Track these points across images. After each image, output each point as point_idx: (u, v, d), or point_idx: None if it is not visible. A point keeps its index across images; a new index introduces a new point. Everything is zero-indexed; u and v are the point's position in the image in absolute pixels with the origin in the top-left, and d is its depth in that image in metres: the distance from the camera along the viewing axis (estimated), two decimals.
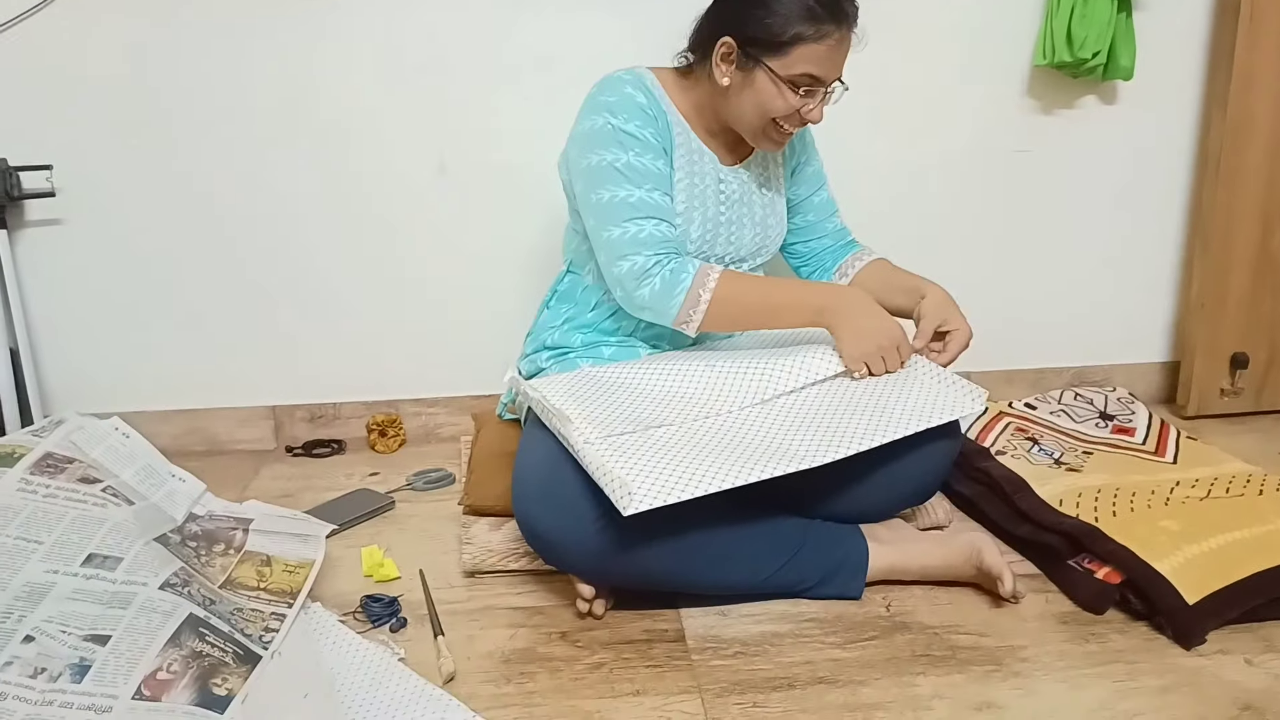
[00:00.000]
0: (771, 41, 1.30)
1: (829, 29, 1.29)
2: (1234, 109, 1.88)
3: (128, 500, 1.24)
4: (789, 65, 1.31)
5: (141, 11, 1.73)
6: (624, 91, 1.38)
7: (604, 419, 1.26)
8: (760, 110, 1.36)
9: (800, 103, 1.34)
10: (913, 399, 1.31)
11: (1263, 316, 2.00)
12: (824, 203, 1.61)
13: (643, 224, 1.34)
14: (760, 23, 1.30)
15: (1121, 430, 1.77)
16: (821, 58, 1.31)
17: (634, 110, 1.36)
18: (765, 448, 1.21)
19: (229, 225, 1.85)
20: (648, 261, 1.32)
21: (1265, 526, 1.38)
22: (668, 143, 1.40)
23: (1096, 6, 1.78)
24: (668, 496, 1.11)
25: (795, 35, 1.29)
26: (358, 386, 1.96)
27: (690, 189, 1.42)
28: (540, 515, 1.26)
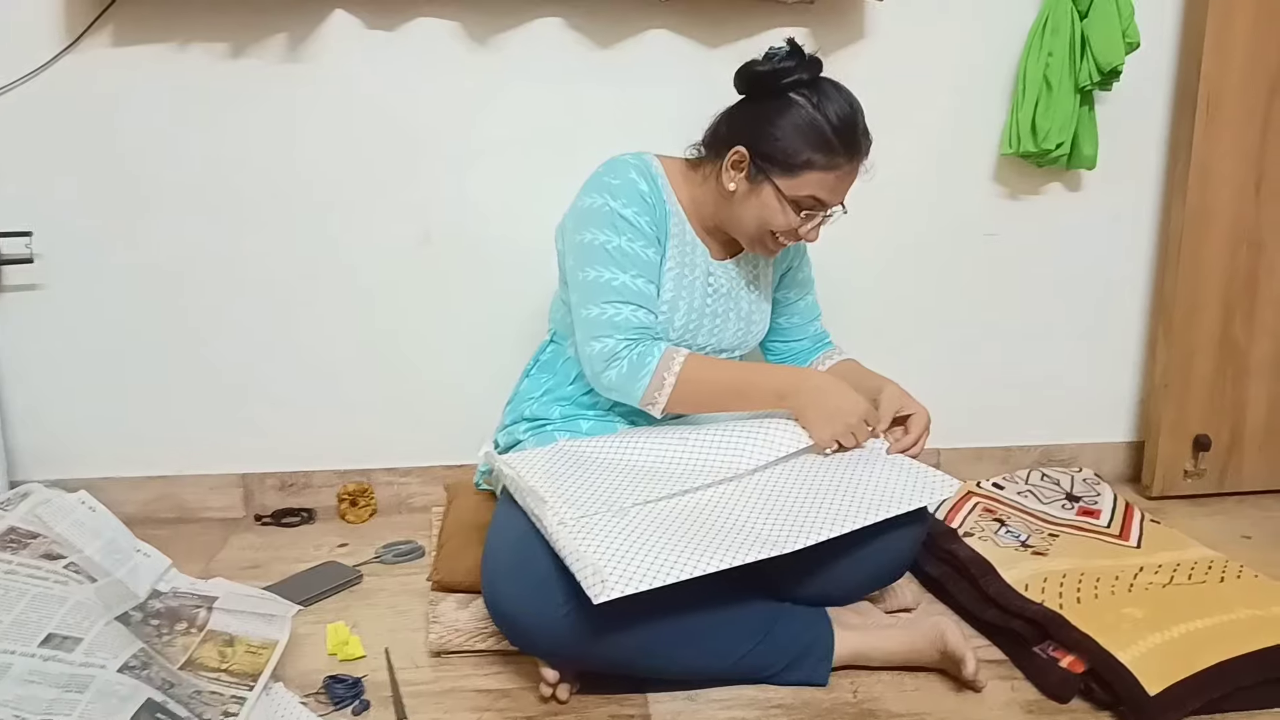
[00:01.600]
0: (784, 162, 1.36)
1: (840, 160, 1.36)
2: (1193, 198, 1.94)
3: (90, 577, 1.23)
4: (797, 187, 1.37)
5: (122, 82, 1.76)
6: (628, 176, 1.41)
7: (578, 498, 1.27)
8: (761, 222, 1.41)
9: (800, 222, 1.40)
10: (884, 485, 1.33)
11: (1224, 399, 2.04)
12: (808, 307, 1.66)
13: (620, 308, 1.37)
14: (776, 142, 1.36)
15: (1087, 512, 1.79)
16: (829, 185, 1.37)
17: (634, 196, 1.40)
18: (737, 533, 1.22)
19: (205, 292, 1.86)
20: (618, 345, 1.36)
21: (1227, 615, 1.39)
22: (663, 232, 1.44)
23: (1060, 99, 1.85)
24: (639, 584, 1.11)
25: (808, 161, 1.35)
26: (329, 454, 1.96)
27: (679, 278, 1.46)
28: (508, 596, 1.26)
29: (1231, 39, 1.88)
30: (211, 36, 1.76)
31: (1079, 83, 1.85)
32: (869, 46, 1.89)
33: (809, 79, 1.37)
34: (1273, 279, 2.00)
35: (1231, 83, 1.90)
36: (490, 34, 1.81)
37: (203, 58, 1.76)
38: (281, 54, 1.78)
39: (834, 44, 1.88)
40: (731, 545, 1.18)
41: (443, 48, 1.80)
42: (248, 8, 1.74)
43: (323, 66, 1.79)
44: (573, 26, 1.82)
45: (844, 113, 1.36)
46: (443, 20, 1.79)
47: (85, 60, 1.74)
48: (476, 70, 1.82)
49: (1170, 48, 1.96)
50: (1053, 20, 1.84)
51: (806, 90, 1.37)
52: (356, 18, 1.78)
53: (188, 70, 1.76)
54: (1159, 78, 1.97)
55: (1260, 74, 1.91)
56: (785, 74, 1.37)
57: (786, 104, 1.36)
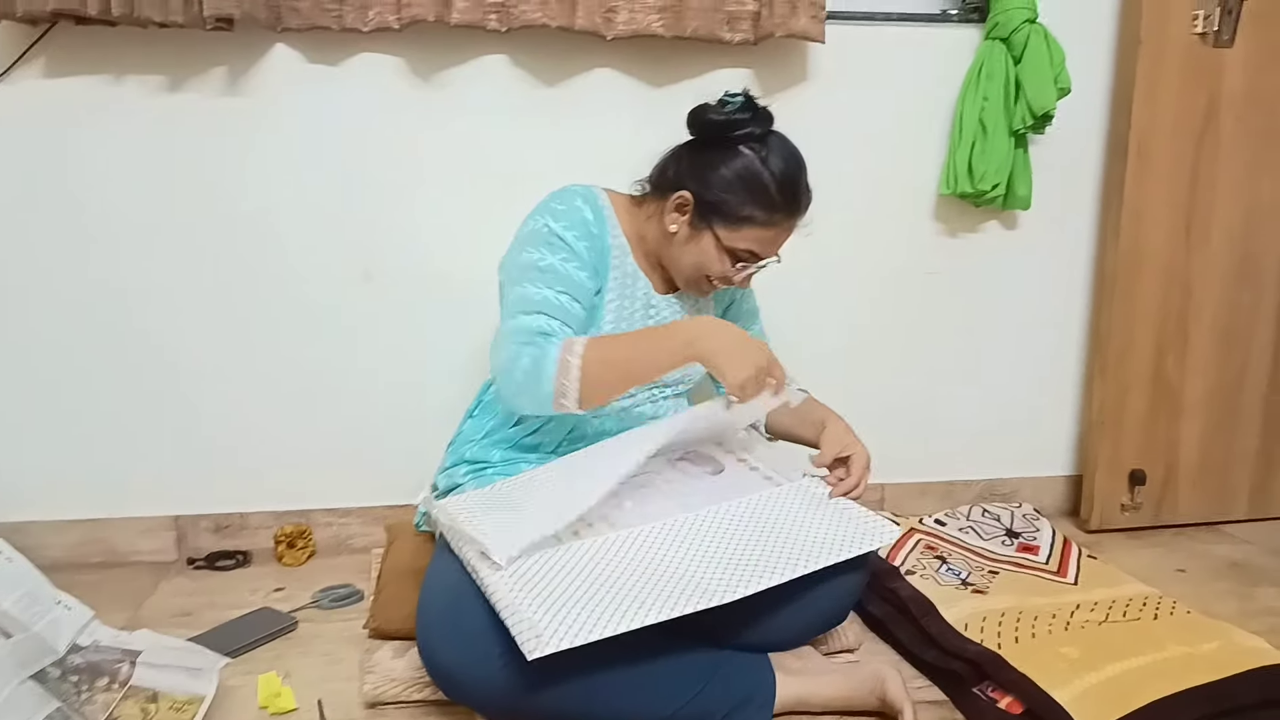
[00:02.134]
0: (726, 213, 1.38)
1: (780, 217, 1.39)
2: (1125, 239, 1.99)
3: (6, 632, 1.18)
4: (735, 239, 1.39)
5: (59, 114, 1.72)
6: (574, 203, 1.42)
7: (511, 538, 1.25)
8: (698, 266, 1.43)
9: (735, 271, 1.42)
10: (825, 531, 1.33)
11: (1159, 435, 2.09)
12: (754, 338, 1.64)
13: (535, 318, 1.33)
14: (720, 193, 1.38)
15: (1026, 548, 1.81)
16: (767, 240, 1.41)
17: (576, 220, 1.40)
18: (676, 582, 1.21)
19: (136, 328, 1.81)
20: (519, 351, 1.30)
21: (1160, 653, 1.41)
22: (603, 262, 1.43)
23: (995, 142, 1.89)
24: (575, 638, 1.09)
25: (749, 216, 1.38)
26: (267, 494, 1.91)
27: (619, 310, 1.46)
28: (443, 648, 1.23)
29: (1161, 87, 1.94)
30: (148, 69, 1.73)
31: (1013, 126, 1.89)
32: (811, 88, 1.92)
33: (760, 133, 1.39)
34: (1202, 320, 2.06)
35: (1161, 129, 1.96)
36: (434, 70, 1.80)
37: (138, 90, 1.73)
38: (221, 87, 1.76)
39: (777, 85, 1.90)
40: (670, 596, 1.17)
41: (386, 83, 1.79)
42: (185, 40, 1.71)
43: (264, 101, 1.77)
44: (517, 64, 1.82)
45: (789, 171, 1.38)
46: (386, 55, 1.78)
47: (16, 92, 1.70)
48: (420, 106, 1.81)
49: (1102, 94, 2.02)
50: (988, 66, 1.89)
51: (756, 144, 1.38)
52: (298, 52, 1.76)
53: (124, 103, 1.73)
54: (1092, 123, 2.03)
55: (1188, 121, 1.97)
56: (738, 126, 1.39)
57: (734, 156, 1.38)
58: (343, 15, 1.69)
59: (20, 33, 1.68)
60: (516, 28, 1.71)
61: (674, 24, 1.75)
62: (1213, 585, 1.83)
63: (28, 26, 1.67)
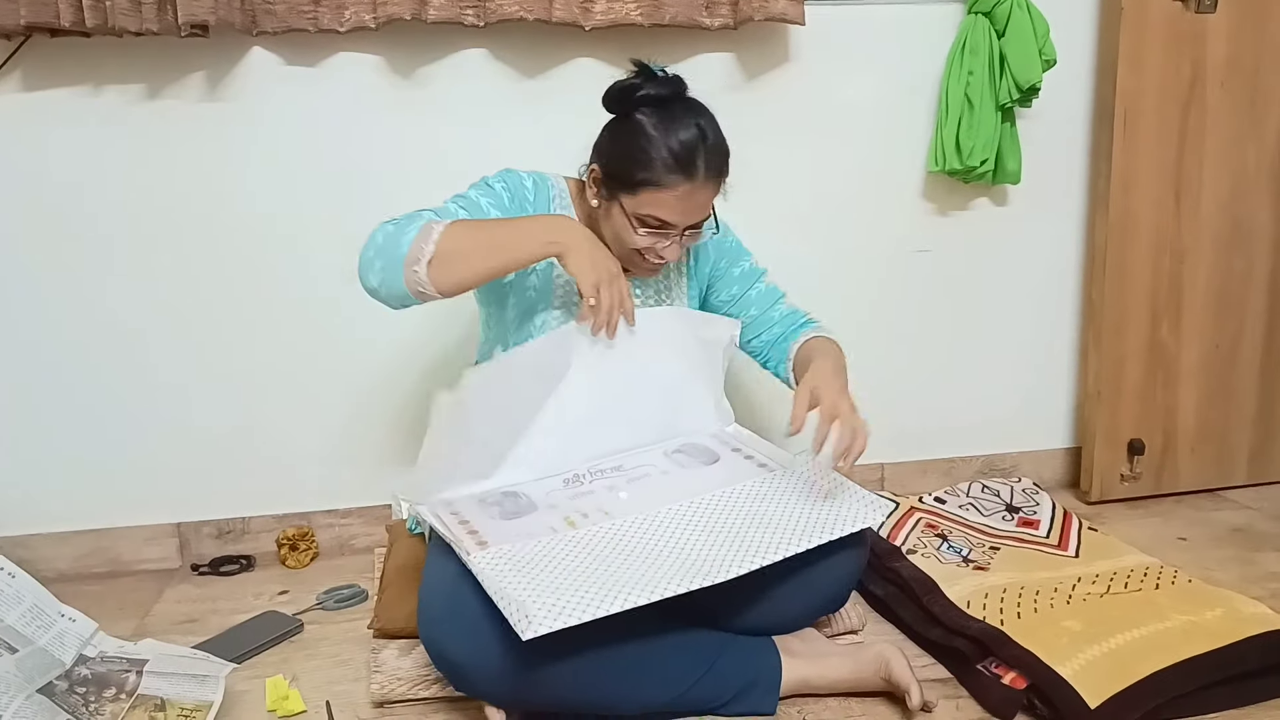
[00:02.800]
0: (624, 179, 1.37)
1: (675, 179, 1.34)
2: (1115, 209, 1.99)
3: (11, 647, 1.19)
4: (637, 205, 1.37)
5: (38, 127, 1.72)
6: (518, 178, 1.46)
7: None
8: (616, 239, 1.42)
9: (649, 240, 1.39)
10: (817, 511, 1.33)
11: (1156, 403, 2.09)
12: (762, 295, 1.61)
13: (423, 212, 1.35)
14: (618, 159, 1.37)
15: (1027, 523, 1.81)
16: (668, 205, 1.36)
17: (514, 183, 1.45)
18: (668, 562, 1.21)
19: (132, 336, 1.81)
20: (387, 222, 1.33)
21: (1162, 623, 1.42)
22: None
23: (982, 117, 1.88)
24: (568, 618, 1.09)
25: (643, 180, 1.35)
26: (268, 498, 1.91)
27: (568, 298, 1.47)
28: (445, 640, 1.23)
29: (1145, 55, 1.93)
30: (125, 79, 1.72)
31: (999, 100, 1.88)
32: (794, 69, 1.91)
33: (655, 97, 1.37)
34: (1196, 286, 2.06)
35: (1147, 97, 1.95)
36: (414, 68, 1.79)
37: (117, 100, 1.72)
38: (201, 93, 1.75)
39: (760, 68, 1.90)
40: (663, 576, 1.17)
41: (366, 82, 1.78)
42: (160, 48, 1.70)
43: (243, 104, 1.76)
44: (496, 57, 1.81)
45: (681, 133, 1.34)
46: (364, 54, 1.77)
47: None
48: (401, 103, 1.80)
49: (1087, 64, 2.01)
50: (971, 40, 1.88)
51: (650, 109, 1.37)
52: (276, 54, 1.75)
53: (103, 114, 1.72)
54: (1078, 94, 2.02)
55: (1173, 89, 1.96)
56: (632, 92, 1.38)
57: (631, 123, 1.37)
58: (318, 16, 1.68)
59: None
60: (494, 22, 1.70)
61: (652, 12, 1.74)
62: (1215, 552, 1.84)
63: (1, 41, 1.66)
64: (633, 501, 1.35)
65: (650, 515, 1.33)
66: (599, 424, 1.44)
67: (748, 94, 1.90)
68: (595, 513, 1.33)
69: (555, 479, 1.42)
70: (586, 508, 1.34)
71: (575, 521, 1.31)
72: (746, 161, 1.93)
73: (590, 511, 1.33)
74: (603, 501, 1.35)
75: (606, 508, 1.34)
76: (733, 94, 1.90)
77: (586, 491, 1.39)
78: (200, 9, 1.58)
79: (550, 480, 1.42)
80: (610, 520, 1.31)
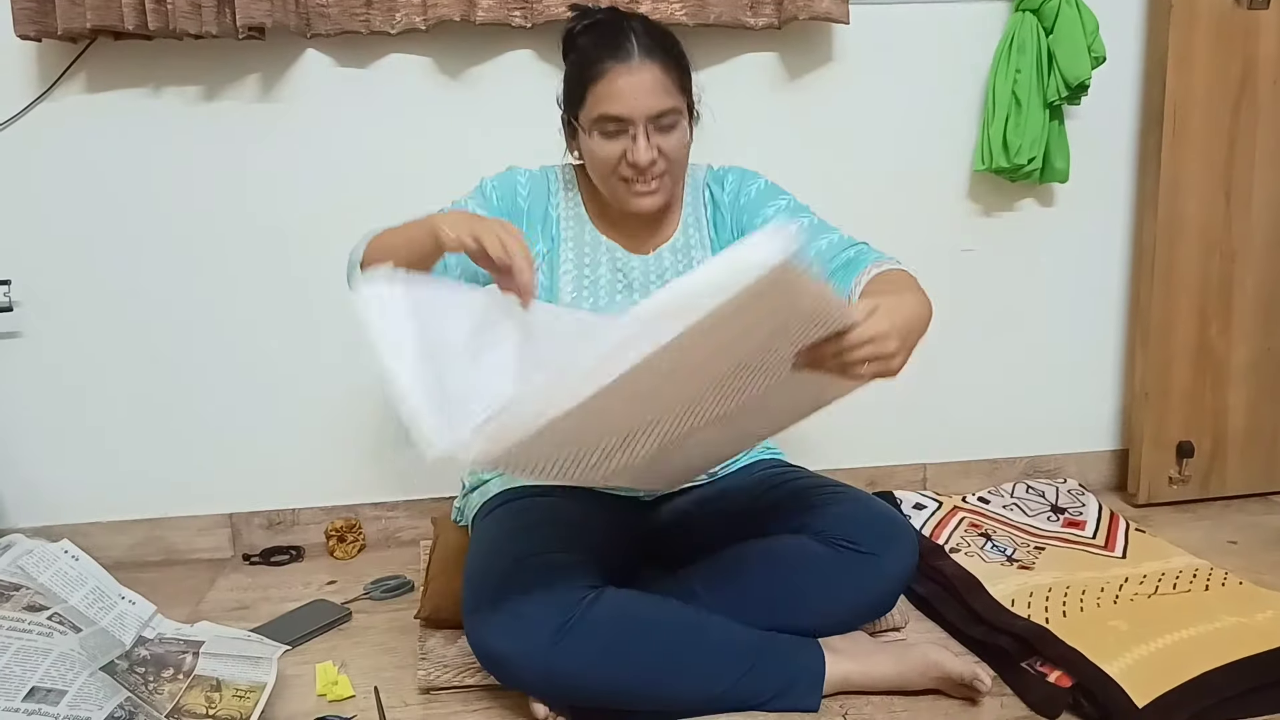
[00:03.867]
0: (572, 98, 1.38)
1: (608, 65, 1.32)
2: (1164, 209, 1.96)
3: (75, 627, 1.22)
4: (589, 113, 1.35)
5: (98, 129, 1.77)
6: (514, 172, 1.49)
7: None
8: (595, 168, 1.40)
9: (616, 147, 1.35)
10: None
11: (1205, 406, 2.06)
12: (807, 230, 1.46)
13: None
14: (566, 85, 1.41)
15: (1072, 524, 1.80)
16: (611, 95, 1.32)
17: (506, 183, 1.47)
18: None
19: (186, 332, 1.86)
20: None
21: (1212, 624, 1.40)
22: (523, 225, 1.44)
23: (1030, 115, 1.87)
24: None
25: (583, 81, 1.35)
26: (316, 490, 1.95)
27: (579, 279, 1.46)
28: (487, 631, 1.25)
29: (1194, 53, 1.91)
30: (184, 80, 1.77)
31: (1047, 98, 1.87)
32: (838, 69, 1.91)
33: (590, 24, 1.39)
34: (1246, 287, 2.03)
35: (1196, 96, 1.92)
36: (462, 69, 1.83)
37: (176, 101, 1.78)
38: (255, 94, 1.79)
39: (804, 68, 1.91)
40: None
41: (415, 83, 1.82)
42: (219, 50, 1.75)
43: (297, 106, 1.80)
44: (543, 58, 1.83)
45: (610, 31, 1.35)
46: (414, 56, 1.81)
47: (59, 108, 1.75)
48: (449, 105, 1.83)
49: (1135, 62, 1.99)
50: (1018, 38, 1.87)
51: (585, 34, 1.39)
52: (329, 56, 1.80)
53: (163, 114, 1.78)
54: (1125, 92, 2.00)
55: (1224, 87, 1.93)
56: (569, 32, 1.41)
57: (572, 54, 1.40)
58: (370, 19, 1.72)
59: (61, 51, 1.73)
60: (541, 23, 1.73)
61: (697, 12, 1.76)
62: (1265, 556, 1.80)
63: (68, 44, 1.72)
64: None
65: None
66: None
67: (791, 94, 1.91)
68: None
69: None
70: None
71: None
72: (790, 160, 1.96)
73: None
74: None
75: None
76: (776, 94, 1.91)
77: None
78: (257, 11, 1.63)
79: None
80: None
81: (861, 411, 1.92)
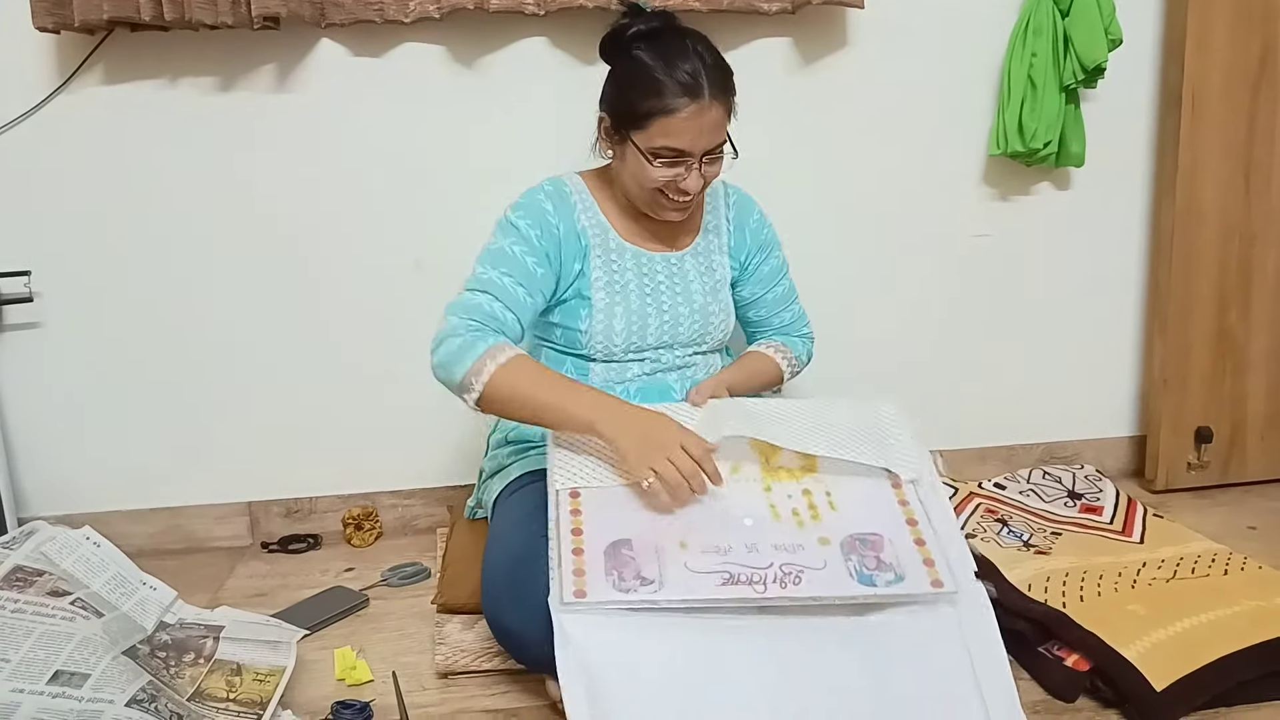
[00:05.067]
0: (631, 116, 1.37)
1: (682, 103, 1.34)
2: (1182, 194, 1.95)
3: (97, 611, 1.24)
4: (649, 139, 1.37)
5: (116, 120, 1.78)
6: (535, 197, 1.48)
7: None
8: (637, 181, 1.42)
9: (669, 174, 1.39)
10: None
11: (1224, 391, 2.04)
12: (776, 299, 1.64)
13: (479, 295, 1.38)
14: (622, 98, 1.39)
15: (1089, 509, 1.79)
16: (678, 130, 1.35)
17: (534, 211, 1.45)
18: None
19: (204, 322, 1.87)
20: (460, 324, 1.34)
21: (1231, 608, 1.39)
22: (566, 250, 1.45)
23: (1046, 98, 1.86)
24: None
25: (649, 109, 1.35)
26: (334, 479, 1.97)
27: (610, 285, 1.48)
28: (507, 611, 1.26)
29: (1212, 36, 1.89)
30: (201, 71, 1.78)
31: (1063, 81, 1.86)
32: (853, 54, 1.90)
33: (647, 31, 1.38)
34: (1266, 271, 2.01)
35: (1214, 79, 1.91)
36: (476, 57, 1.83)
37: (192, 92, 1.78)
38: (271, 84, 1.80)
39: (818, 53, 1.90)
40: None
41: (429, 72, 1.82)
42: (235, 41, 1.76)
43: (311, 95, 1.81)
44: (557, 45, 1.83)
45: (682, 59, 1.35)
46: (428, 45, 1.81)
47: (78, 100, 1.76)
48: (463, 93, 1.83)
49: (1153, 45, 1.97)
50: (1034, 21, 1.85)
51: (644, 43, 1.38)
52: (343, 46, 1.80)
53: (179, 105, 1.79)
54: (1143, 75, 1.99)
55: (1242, 69, 1.92)
56: (623, 31, 1.40)
57: (630, 61, 1.38)
58: (384, 8, 1.72)
59: (79, 42, 1.73)
60: (554, 10, 1.73)
61: None
62: None
63: (85, 36, 1.73)
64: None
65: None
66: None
67: (806, 79, 1.91)
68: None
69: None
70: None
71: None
72: (804, 146, 1.95)
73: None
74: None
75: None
76: (791, 79, 1.90)
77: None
78: (272, 2, 1.63)
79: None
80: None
81: (876, 397, 1.93)
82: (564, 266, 1.46)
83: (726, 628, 1.14)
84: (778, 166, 1.84)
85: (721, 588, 1.13)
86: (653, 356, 1.51)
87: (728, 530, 1.20)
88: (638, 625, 1.12)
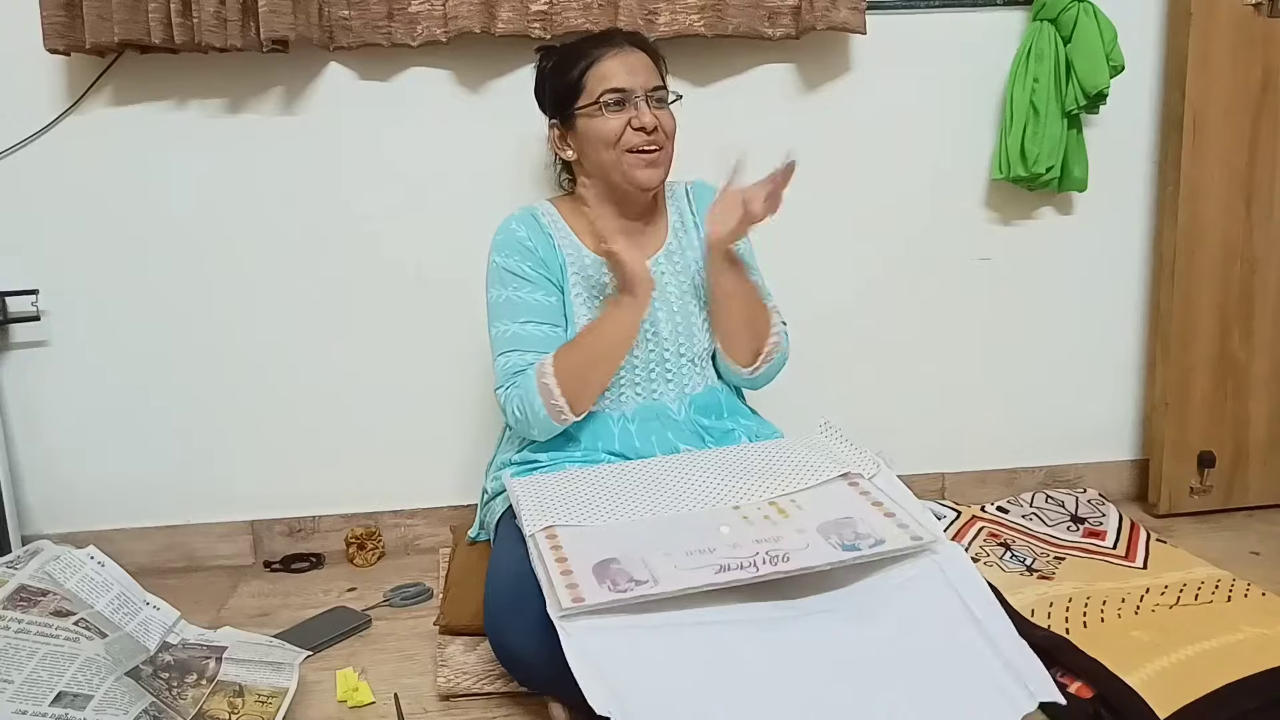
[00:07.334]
0: (567, 90, 1.47)
1: (603, 50, 1.46)
2: (1184, 217, 1.95)
3: (101, 632, 1.24)
4: (589, 95, 1.46)
5: (124, 141, 1.80)
6: (509, 229, 1.52)
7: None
8: (602, 146, 1.47)
9: (622, 118, 1.45)
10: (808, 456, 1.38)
11: (1226, 415, 2.04)
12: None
13: (509, 356, 1.47)
14: (554, 86, 1.50)
15: (1092, 534, 1.79)
16: (610, 71, 1.45)
17: (514, 246, 1.50)
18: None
19: (209, 342, 1.89)
20: (510, 391, 1.45)
21: (1234, 635, 1.39)
22: (551, 270, 1.50)
23: (1048, 124, 1.87)
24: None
25: (579, 71, 1.46)
26: (336, 498, 1.97)
27: (589, 302, 1.50)
28: (509, 632, 1.27)
29: (1214, 60, 1.90)
30: (210, 93, 1.80)
31: (1065, 107, 1.87)
32: (856, 79, 1.92)
33: (554, 50, 1.53)
34: (1268, 295, 2.01)
35: (1216, 104, 1.92)
36: (482, 81, 1.84)
37: (201, 114, 1.80)
38: (278, 107, 1.82)
39: (821, 78, 1.91)
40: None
41: (436, 95, 1.84)
42: (243, 63, 1.78)
43: (319, 118, 1.83)
44: None
45: (573, 41, 1.51)
46: (434, 69, 1.83)
47: (87, 121, 1.78)
48: (470, 116, 1.85)
49: (1154, 70, 1.99)
50: (1036, 47, 1.87)
51: (557, 52, 1.53)
52: (350, 69, 1.82)
53: (188, 126, 1.80)
54: (1144, 100, 2.00)
55: (1244, 95, 1.93)
56: (542, 69, 1.54)
57: (549, 68, 1.53)
58: (392, 32, 1.74)
59: (89, 64, 1.75)
60: (560, 34, 1.74)
61: (715, 23, 1.77)
62: None
63: (95, 58, 1.74)
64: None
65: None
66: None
67: (809, 103, 1.92)
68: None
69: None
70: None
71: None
72: (808, 171, 1.95)
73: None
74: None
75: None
76: (794, 104, 1.92)
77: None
78: (281, 25, 1.65)
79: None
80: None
81: (879, 420, 1.93)
82: (554, 282, 1.50)
83: (728, 621, 1.15)
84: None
85: (716, 575, 1.15)
86: (643, 367, 1.52)
87: (707, 538, 1.23)
88: (639, 625, 1.14)
